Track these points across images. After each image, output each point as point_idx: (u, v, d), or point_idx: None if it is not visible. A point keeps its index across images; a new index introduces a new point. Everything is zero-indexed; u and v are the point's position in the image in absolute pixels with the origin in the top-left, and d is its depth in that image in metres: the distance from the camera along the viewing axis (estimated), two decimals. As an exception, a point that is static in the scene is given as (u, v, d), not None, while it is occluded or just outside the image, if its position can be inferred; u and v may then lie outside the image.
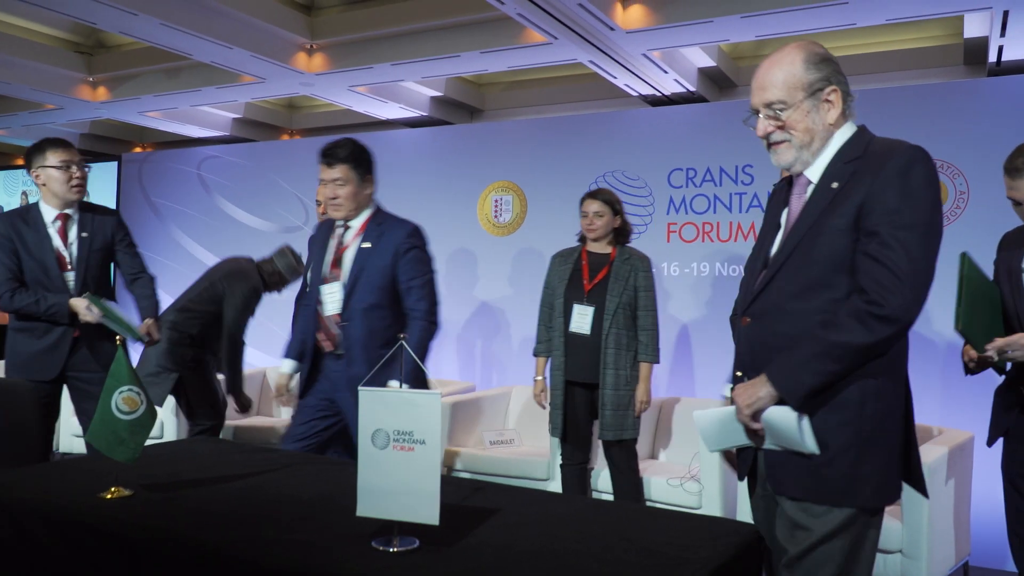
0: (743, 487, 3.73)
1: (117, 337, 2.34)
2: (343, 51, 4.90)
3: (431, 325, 3.07)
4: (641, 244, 5.18)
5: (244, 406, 4.19)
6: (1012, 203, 2.62)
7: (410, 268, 3.07)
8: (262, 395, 5.50)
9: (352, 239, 3.10)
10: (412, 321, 3.05)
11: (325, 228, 3.23)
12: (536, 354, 3.90)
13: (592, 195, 3.79)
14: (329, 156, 3.05)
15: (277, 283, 4.26)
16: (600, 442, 3.75)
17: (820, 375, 1.65)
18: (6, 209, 8.48)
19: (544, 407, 3.86)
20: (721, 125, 5.02)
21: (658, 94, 5.19)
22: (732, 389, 1.80)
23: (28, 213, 3.40)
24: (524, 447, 4.63)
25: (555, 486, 4.05)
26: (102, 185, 7.66)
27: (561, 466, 3.82)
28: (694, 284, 5.06)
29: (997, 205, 3.58)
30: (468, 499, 2.05)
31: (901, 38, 4.80)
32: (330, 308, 3.04)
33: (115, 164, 7.59)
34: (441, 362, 5.80)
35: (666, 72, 4.74)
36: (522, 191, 5.65)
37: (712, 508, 3.72)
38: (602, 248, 3.79)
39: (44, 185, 3.36)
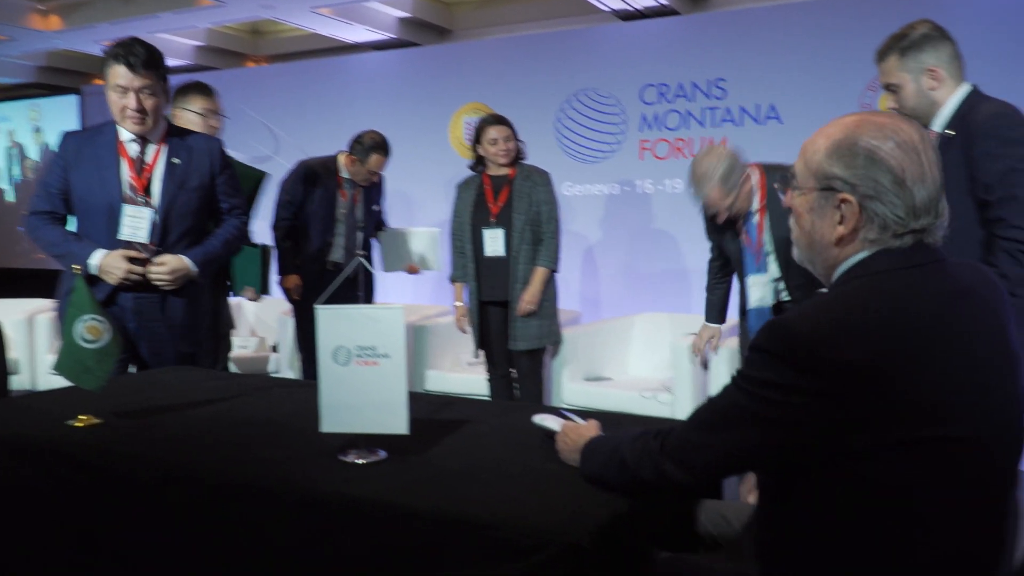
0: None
1: (75, 267, 2.31)
2: (303, -30, 4.75)
3: (245, 235, 2.94)
4: (614, 163, 5.16)
5: None
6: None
7: (229, 188, 2.87)
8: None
9: (155, 156, 2.73)
10: (229, 219, 2.88)
11: (98, 137, 2.74)
12: (454, 280, 3.99)
13: (498, 121, 3.83)
14: (131, 58, 2.57)
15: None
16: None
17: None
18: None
19: (465, 331, 3.98)
20: (693, 39, 4.94)
21: (629, 8, 5.08)
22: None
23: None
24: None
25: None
26: (64, 119, 7.48)
27: (488, 379, 4.01)
28: (669, 200, 5.05)
29: None
30: (438, 413, 2.07)
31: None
32: (133, 234, 2.68)
33: (76, 98, 7.39)
34: (418, 287, 5.80)
35: (636, -16, 4.63)
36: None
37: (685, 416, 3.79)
38: (500, 171, 3.85)
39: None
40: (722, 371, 3.68)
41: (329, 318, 1.67)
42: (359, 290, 4.22)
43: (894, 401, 1.08)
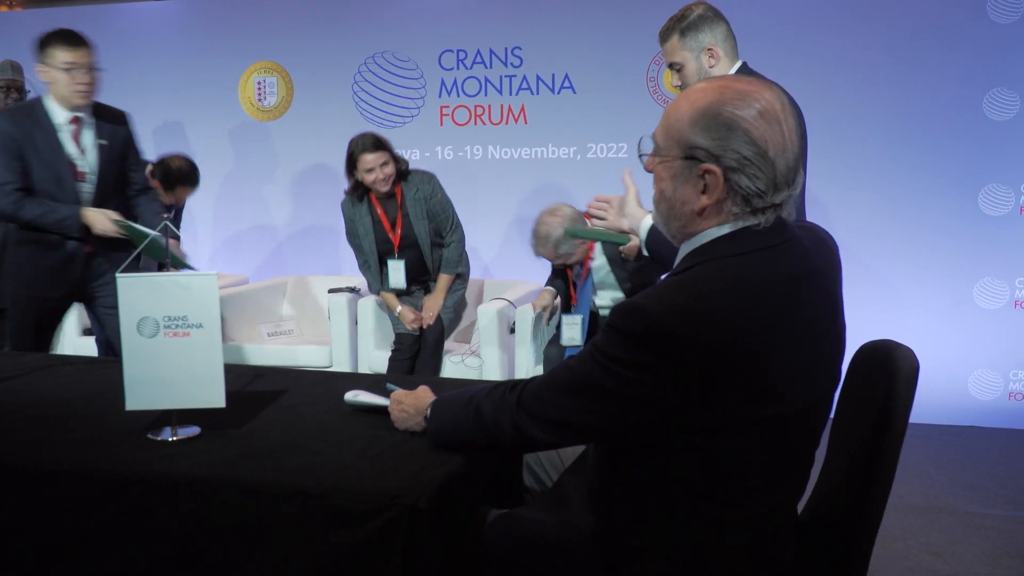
0: (521, 356, 3.93)
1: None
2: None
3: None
4: (413, 129, 5.13)
5: None
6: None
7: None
8: None
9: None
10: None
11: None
12: (382, 291, 3.86)
13: (373, 147, 3.58)
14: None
15: None
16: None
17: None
18: None
19: (425, 328, 3.84)
20: (489, 5, 4.99)
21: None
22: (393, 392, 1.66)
23: (33, 111, 3.03)
24: (303, 336, 4.56)
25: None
26: None
27: (394, 360, 3.88)
28: (469, 167, 5.11)
29: None
30: (251, 384, 2.00)
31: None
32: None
33: None
34: (212, 255, 5.50)
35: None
36: (287, 73, 5.34)
37: (493, 378, 3.89)
38: (388, 189, 3.70)
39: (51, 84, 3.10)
40: (526, 335, 3.81)
41: (131, 287, 1.56)
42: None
43: (738, 384, 1.12)
